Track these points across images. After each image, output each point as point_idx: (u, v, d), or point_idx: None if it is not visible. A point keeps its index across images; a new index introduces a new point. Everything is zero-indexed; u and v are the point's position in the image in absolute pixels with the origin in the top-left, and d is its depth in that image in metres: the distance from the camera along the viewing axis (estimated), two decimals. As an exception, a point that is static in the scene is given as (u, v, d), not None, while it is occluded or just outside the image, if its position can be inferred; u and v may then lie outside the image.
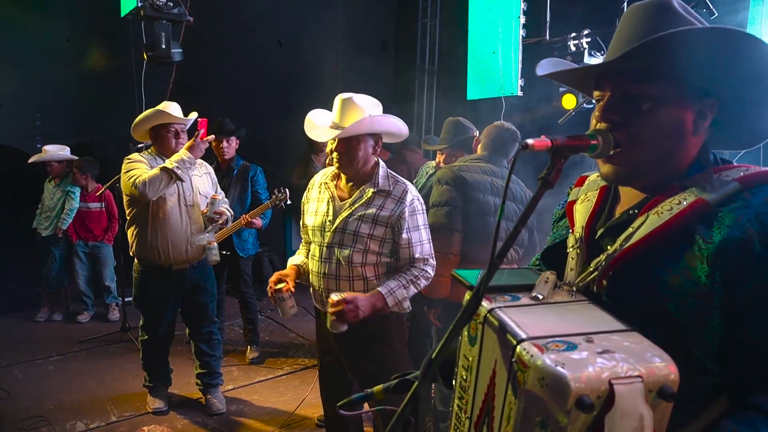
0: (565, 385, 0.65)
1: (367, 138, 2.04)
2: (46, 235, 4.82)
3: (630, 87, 0.86)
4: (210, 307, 3.22)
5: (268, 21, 6.34)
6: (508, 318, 0.79)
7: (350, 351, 2.14)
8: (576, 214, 1.01)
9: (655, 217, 0.85)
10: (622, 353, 0.70)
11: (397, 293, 2.01)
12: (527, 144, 0.77)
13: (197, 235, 3.01)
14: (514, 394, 0.73)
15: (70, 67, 5.74)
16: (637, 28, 0.87)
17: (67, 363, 3.97)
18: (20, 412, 3.17)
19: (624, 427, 0.66)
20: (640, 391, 0.66)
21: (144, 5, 4.20)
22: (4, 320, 4.88)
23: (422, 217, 2.10)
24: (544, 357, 0.69)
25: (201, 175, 3.11)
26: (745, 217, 0.79)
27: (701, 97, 0.87)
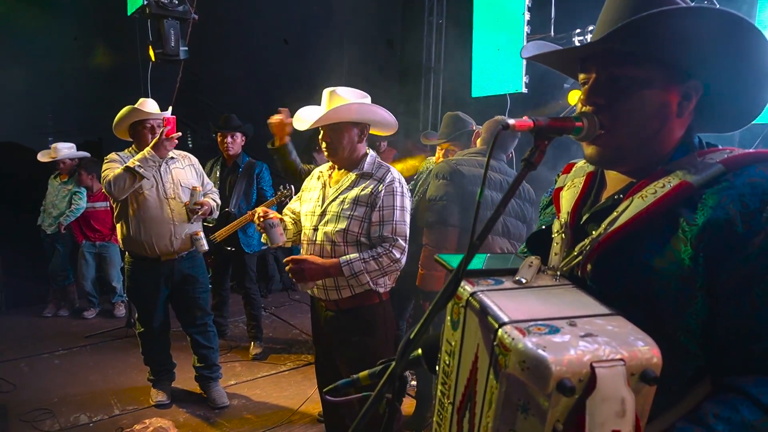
0: (545, 368, 0.64)
1: (350, 127, 2.09)
2: (51, 232, 4.86)
3: (614, 69, 0.86)
4: (203, 298, 3.22)
5: (273, 19, 6.36)
6: (490, 301, 0.78)
7: (338, 340, 2.17)
8: (562, 200, 1.01)
9: (639, 201, 0.85)
10: (605, 337, 0.68)
11: (354, 265, 2.01)
12: (508, 124, 0.77)
13: (181, 227, 3.03)
14: (496, 378, 0.72)
15: (78, 66, 5.79)
16: (621, 9, 0.86)
17: (73, 357, 4.00)
18: (25, 405, 3.21)
19: (605, 411, 0.65)
20: (622, 375, 0.65)
21: (149, 3, 4.22)
22: (11, 316, 4.94)
23: (399, 199, 2.09)
24: (526, 340, 0.68)
25: (183, 168, 3.13)
26: (728, 198, 0.78)
27: (686, 79, 0.86)
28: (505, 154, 2.64)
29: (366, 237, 2.07)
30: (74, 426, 3.01)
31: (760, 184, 0.78)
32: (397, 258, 2.05)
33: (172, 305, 3.24)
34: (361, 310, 2.11)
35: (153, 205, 2.97)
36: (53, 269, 4.92)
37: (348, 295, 2.10)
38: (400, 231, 2.07)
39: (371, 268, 2.02)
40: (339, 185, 2.14)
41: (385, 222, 2.05)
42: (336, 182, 2.17)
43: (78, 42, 5.77)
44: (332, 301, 2.14)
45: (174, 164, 3.07)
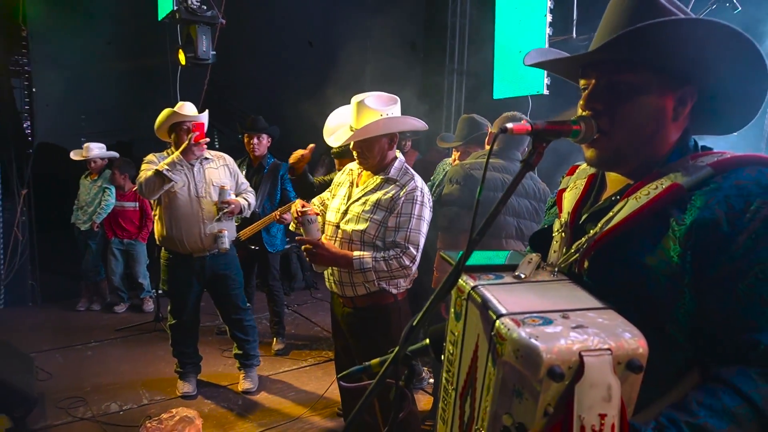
0: (537, 355, 0.69)
1: (380, 138, 2.12)
2: (84, 229, 5.05)
3: (613, 76, 0.90)
4: (235, 295, 3.36)
5: (298, 22, 6.48)
6: (490, 294, 0.83)
7: (353, 335, 2.24)
8: (564, 201, 1.06)
9: (633, 202, 0.90)
10: (595, 328, 0.73)
11: (364, 261, 2.06)
12: (506, 128, 0.82)
13: (211, 225, 3.16)
14: (494, 365, 0.77)
15: (111, 69, 5.99)
16: (620, 18, 0.91)
17: (104, 349, 4.17)
18: (61, 393, 3.37)
19: (593, 396, 0.69)
20: (608, 363, 0.70)
21: (179, 8, 4.37)
22: (46, 309, 5.15)
23: (418, 208, 2.10)
24: (520, 330, 0.73)
25: (217, 168, 3.26)
26: (715, 199, 0.82)
27: (681, 85, 0.91)
28: (519, 151, 2.66)
29: (381, 240, 2.12)
30: (105, 414, 3.15)
31: (745, 186, 0.82)
32: (406, 265, 2.07)
33: (213, 301, 3.40)
34: (377, 308, 2.17)
35: (184, 203, 3.12)
36: (86, 265, 5.12)
37: (363, 293, 2.16)
38: (413, 239, 2.08)
39: (379, 268, 2.06)
40: (365, 186, 2.20)
41: (399, 228, 2.09)
42: (363, 183, 2.23)
43: (111, 46, 5.97)
44: (349, 298, 2.20)
45: (208, 164, 3.22)
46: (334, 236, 2.20)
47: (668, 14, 0.89)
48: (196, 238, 3.15)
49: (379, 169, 2.19)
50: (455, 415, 0.92)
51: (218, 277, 3.28)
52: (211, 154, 3.28)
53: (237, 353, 3.52)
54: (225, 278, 3.30)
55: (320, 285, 6.03)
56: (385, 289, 2.14)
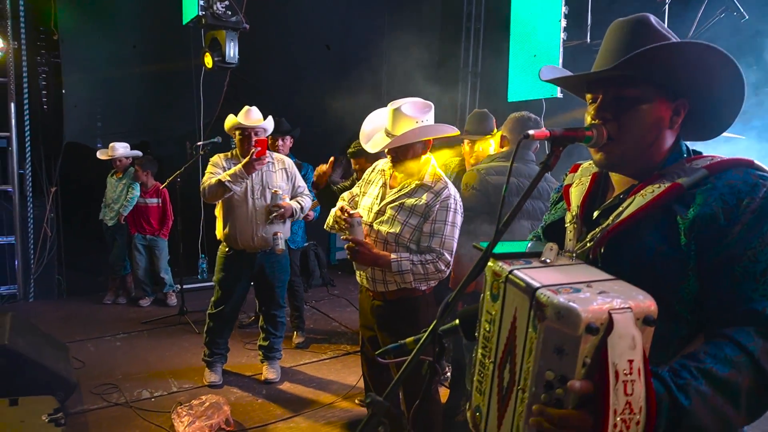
0: (576, 315, 0.83)
1: (414, 144, 2.25)
2: (111, 224, 5.25)
3: (619, 90, 1.05)
4: (275, 293, 3.56)
5: (317, 26, 6.63)
6: (525, 275, 0.98)
7: (382, 326, 2.37)
8: (572, 195, 1.21)
9: (640, 198, 1.05)
10: (615, 293, 0.89)
11: (403, 263, 2.19)
12: (528, 134, 0.96)
13: (263, 225, 3.36)
14: (534, 330, 0.91)
15: (136, 72, 6.19)
16: (621, 41, 1.06)
17: (132, 340, 4.36)
18: (94, 380, 3.56)
19: (622, 346, 0.84)
20: (631, 318, 0.85)
21: (205, 14, 4.55)
22: (75, 303, 5.36)
23: (452, 215, 2.24)
24: (559, 297, 0.88)
25: (275, 171, 3.45)
26: (712, 197, 0.98)
27: (676, 98, 1.06)
28: (531, 150, 2.78)
29: (414, 244, 2.25)
30: (138, 400, 3.33)
31: (735, 185, 0.98)
32: (441, 269, 2.22)
33: (255, 293, 3.61)
34: (406, 301, 2.30)
35: (240, 204, 3.35)
36: (112, 260, 5.32)
37: (393, 289, 2.29)
38: (447, 245, 2.22)
39: (417, 271, 2.20)
40: (399, 189, 2.31)
41: (434, 234, 2.22)
42: (397, 184, 2.34)
43: (137, 50, 6.17)
44: (379, 292, 2.34)
45: (267, 167, 3.42)
46: (367, 235, 2.31)
47: (663, 37, 1.04)
48: (248, 237, 3.37)
49: (413, 173, 2.30)
50: (493, 384, 1.05)
51: (265, 273, 3.48)
52: (272, 157, 3.47)
53: (262, 345, 3.69)
54: (271, 275, 3.50)
55: (337, 282, 6.19)
56: (416, 286, 2.28)
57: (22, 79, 5.27)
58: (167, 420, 3.05)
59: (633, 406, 0.83)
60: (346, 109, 6.77)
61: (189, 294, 5.09)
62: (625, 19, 1.09)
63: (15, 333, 3.12)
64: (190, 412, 3.00)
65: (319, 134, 6.30)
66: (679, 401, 0.87)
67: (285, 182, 3.48)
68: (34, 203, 5.55)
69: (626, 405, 0.83)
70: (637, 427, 0.84)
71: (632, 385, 0.83)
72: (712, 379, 0.89)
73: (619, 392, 0.82)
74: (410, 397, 2.29)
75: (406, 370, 1.06)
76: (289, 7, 6.36)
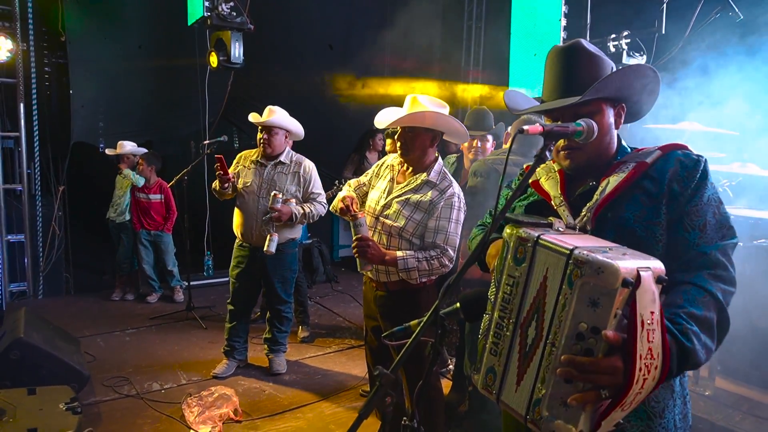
0: (616, 270, 0.95)
1: (423, 132, 2.33)
2: (119, 222, 5.34)
3: (575, 110, 1.26)
4: (278, 288, 3.62)
5: (318, 26, 6.71)
6: (555, 239, 1.08)
7: (385, 315, 2.47)
8: (546, 187, 1.37)
9: (614, 178, 1.24)
10: (631, 255, 1.02)
11: (408, 261, 2.29)
12: (523, 129, 1.05)
13: (262, 224, 3.45)
14: (570, 285, 1.01)
15: (142, 72, 6.28)
16: (566, 69, 1.30)
17: (140, 335, 4.45)
18: (106, 373, 3.65)
19: (647, 298, 0.96)
20: (651, 276, 0.97)
21: (211, 15, 4.63)
22: (84, 299, 5.45)
23: (456, 213, 2.33)
24: (596, 255, 0.99)
25: (286, 173, 3.53)
26: (670, 171, 1.23)
27: (616, 104, 1.32)
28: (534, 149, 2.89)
29: (418, 238, 2.34)
30: (148, 391, 3.42)
31: (683, 161, 1.24)
32: (446, 264, 2.32)
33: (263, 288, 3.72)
34: (408, 291, 2.39)
35: (248, 200, 3.51)
36: (119, 257, 5.41)
37: (395, 279, 2.38)
38: (451, 242, 2.32)
39: (422, 268, 2.30)
40: (405, 184, 2.39)
41: (439, 231, 2.31)
42: (404, 180, 2.43)
43: (142, 50, 6.25)
44: (382, 282, 2.43)
45: (280, 169, 3.51)
46: (374, 227, 2.41)
47: (596, 59, 1.30)
48: (249, 233, 3.51)
49: (419, 167, 2.39)
50: (514, 343, 1.13)
51: (266, 268, 3.56)
52: (290, 160, 3.56)
53: (267, 338, 3.78)
54: (272, 271, 3.58)
55: (340, 278, 6.28)
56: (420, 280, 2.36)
57: (31, 80, 5.36)
58: (177, 410, 3.14)
59: (653, 352, 0.96)
60: (347, 108, 6.89)
61: (195, 290, 5.19)
62: (561, 48, 1.32)
63: (29, 327, 3.22)
64: (199, 402, 3.09)
65: (319, 133, 6.38)
66: (685, 344, 1.04)
67: (295, 186, 3.53)
68: (42, 202, 5.64)
69: (648, 351, 0.95)
70: (656, 371, 0.97)
71: (653, 333, 0.96)
72: (696, 319, 1.09)
73: (644, 339, 0.95)
74: (412, 383, 2.38)
75: (410, 346, 1.14)
76: (292, 7, 6.44)
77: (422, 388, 1.28)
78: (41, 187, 5.64)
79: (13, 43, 5.00)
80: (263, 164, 3.53)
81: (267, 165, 3.52)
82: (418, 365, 2.27)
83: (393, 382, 1.05)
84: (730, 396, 3.07)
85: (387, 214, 2.38)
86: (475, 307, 1.26)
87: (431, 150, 2.40)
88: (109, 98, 6.25)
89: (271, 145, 3.48)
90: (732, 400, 3.05)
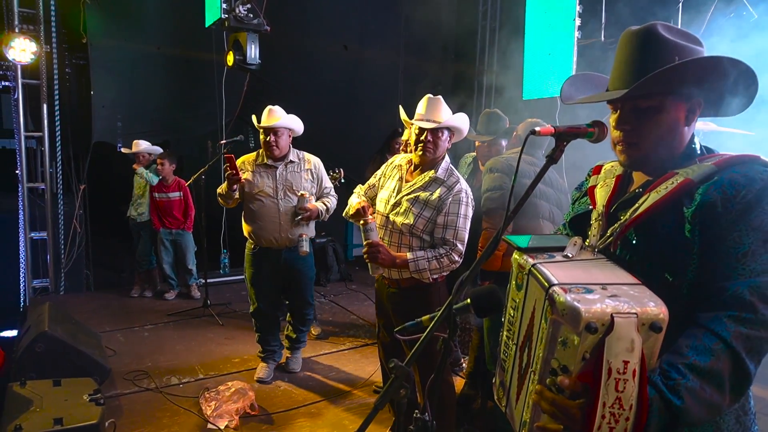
0: (578, 314, 0.92)
1: (446, 132, 2.41)
2: (140, 220, 5.44)
3: (635, 103, 1.15)
4: (302, 289, 3.60)
5: (334, 26, 6.77)
6: (546, 270, 1.07)
7: (396, 311, 2.51)
8: (597, 195, 1.31)
9: (655, 194, 1.14)
10: (626, 298, 0.96)
11: (419, 263, 2.34)
12: (535, 130, 1.08)
13: (287, 225, 3.42)
14: (545, 321, 1.01)
15: (159, 73, 6.39)
16: (633, 57, 1.16)
17: (159, 331, 4.54)
18: (126, 367, 3.74)
19: (619, 347, 0.91)
20: (634, 323, 0.91)
21: (228, 17, 4.71)
22: (104, 296, 5.57)
23: (464, 208, 2.38)
24: (567, 296, 0.96)
25: (299, 171, 3.49)
26: (713, 188, 1.08)
27: (690, 98, 1.16)
28: (541, 150, 2.94)
29: (428, 235, 2.39)
30: (167, 385, 3.50)
31: (736, 179, 1.07)
32: (455, 260, 2.37)
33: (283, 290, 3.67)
34: (419, 288, 2.45)
35: (263, 204, 3.43)
36: (139, 255, 5.51)
37: (407, 276, 2.43)
38: (460, 236, 2.36)
39: (433, 266, 2.35)
40: (414, 182, 2.45)
41: (448, 227, 2.36)
42: (412, 178, 2.48)
43: (160, 51, 6.36)
44: (394, 279, 2.48)
45: (292, 168, 3.49)
46: (384, 226, 2.46)
47: (672, 47, 1.14)
48: (270, 236, 3.44)
49: (429, 165, 2.45)
50: (515, 363, 1.17)
51: (292, 270, 3.53)
52: (298, 157, 3.53)
53: (289, 335, 3.78)
54: (298, 273, 3.55)
55: (354, 277, 6.33)
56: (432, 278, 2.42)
57: (53, 82, 5.49)
58: (195, 404, 3.21)
59: (623, 403, 0.91)
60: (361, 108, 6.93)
61: (212, 288, 5.27)
62: (634, 31, 1.18)
63: (53, 321, 3.32)
64: (216, 397, 3.16)
65: (333, 132, 6.43)
66: (673, 402, 0.95)
67: (310, 183, 3.52)
68: (63, 200, 5.77)
69: (616, 400, 0.91)
70: (627, 423, 0.92)
71: (624, 383, 0.91)
72: (698, 371, 0.97)
73: (610, 388, 0.91)
74: (425, 378, 2.42)
75: (424, 341, 1.18)
76: (308, 8, 6.50)
77: (434, 382, 1.32)
78: (63, 186, 5.77)
79: (37, 46, 5.12)
80: (272, 166, 3.46)
81: (277, 166, 3.45)
82: (430, 360, 2.31)
83: (407, 375, 1.08)
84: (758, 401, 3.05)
85: (397, 212, 2.43)
86: (486, 303, 1.29)
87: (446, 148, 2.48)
88: (127, 99, 6.36)
89: (279, 146, 3.41)
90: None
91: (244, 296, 5.53)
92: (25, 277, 5.48)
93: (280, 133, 3.42)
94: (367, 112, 6.75)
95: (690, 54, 1.14)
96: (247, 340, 4.32)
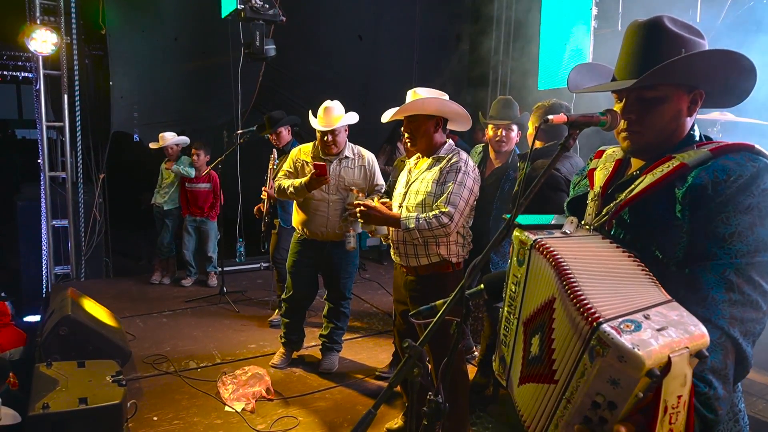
0: (641, 362, 0.84)
1: (425, 119, 2.46)
2: (166, 208, 5.54)
3: (639, 93, 1.19)
4: (343, 284, 3.59)
5: (349, 17, 6.77)
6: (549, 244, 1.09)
7: (414, 299, 2.55)
8: (595, 177, 1.35)
9: (650, 177, 1.17)
10: (673, 328, 0.90)
11: (409, 221, 2.40)
12: (548, 119, 1.10)
13: (335, 220, 3.41)
14: (591, 359, 0.92)
15: (177, 64, 6.46)
16: (638, 49, 1.19)
17: (177, 317, 4.64)
18: (145, 351, 3.84)
19: (675, 385, 0.87)
20: (686, 359, 0.87)
21: (244, 8, 4.75)
22: (124, 282, 5.70)
23: (460, 176, 2.40)
24: (622, 338, 0.87)
25: (353, 168, 3.46)
26: (705, 172, 1.10)
27: (692, 89, 1.19)
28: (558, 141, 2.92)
29: None
30: (185, 369, 3.59)
31: (728, 165, 1.09)
32: (444, 223, 2.35)
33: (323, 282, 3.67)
34: (437, 276, 2.49)
35: (315, 196, 3.39)
36: (161, 241, 5.62)
37: (425, 263, 2.48)
38: (452, 200, 2.38)
39: (422, 227, 2.37)
40: (420, 169, 2.55)
41: (443, 193, 2.42)
42: (418, 168, 2.58)
43: (177, 43, 6.43)
44: (412, 267, 2.53)
45: (345, 163, 3.44)
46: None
47: (678, 40, 1.16)
48: (317, 230, 3.43)
49: (429, 152, 2.53)
50: (518, 339, 1.17)
51: (334, 263, 3.51)
52: (353, 153, 3.48)
53: (323, 334, 3.72)
54: (339, 267, 3.52)
55: (369, 266, 6.38)
56: (445, 258, 2.46)
57: (74, 72, 5.58)
58: (213, 388, 3.29)
59: None
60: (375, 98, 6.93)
61: (228, 276, 5.36)
62: (641, 23, 1.20)
63: (75, 306, 3.41)
64: (233, 381, 3.24)
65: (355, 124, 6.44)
66: (707, 417, 0.96)
67: (362, 179, 3.47)
68: (83, 189, 5.88)
69: None
70: None
71: (677, 416, 0.88)
72: (717, 373, 0.98)
73: (665, 423, 0.88)
74: (438, 362, 2.46)
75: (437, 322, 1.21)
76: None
77: (447, 365, 1.35)
78: (83, 175, 5.89)
79: (58, 37, 5.21)
80: (326, 160, 3.38)
81: (331, 161, 3.39)
82: (443, 344, 2.35)
83: (420, 354, 1.12)
84: (753, 384, 3.06)
85: (408, 198, 2.52)
86: (499, 288, 1.32)
87: (437, 135, 2.51)
88: (144, 89, 6.45)
89: (337, 144, 3.37)
90: (756, 389, 3.04)
91: (259, 284, 5.62)
92: (48, 264, 5.62)
93: (337, 131, 3.36)
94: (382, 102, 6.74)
95: (695, 47, 1.16)
96: (262, 327, 4.41)
